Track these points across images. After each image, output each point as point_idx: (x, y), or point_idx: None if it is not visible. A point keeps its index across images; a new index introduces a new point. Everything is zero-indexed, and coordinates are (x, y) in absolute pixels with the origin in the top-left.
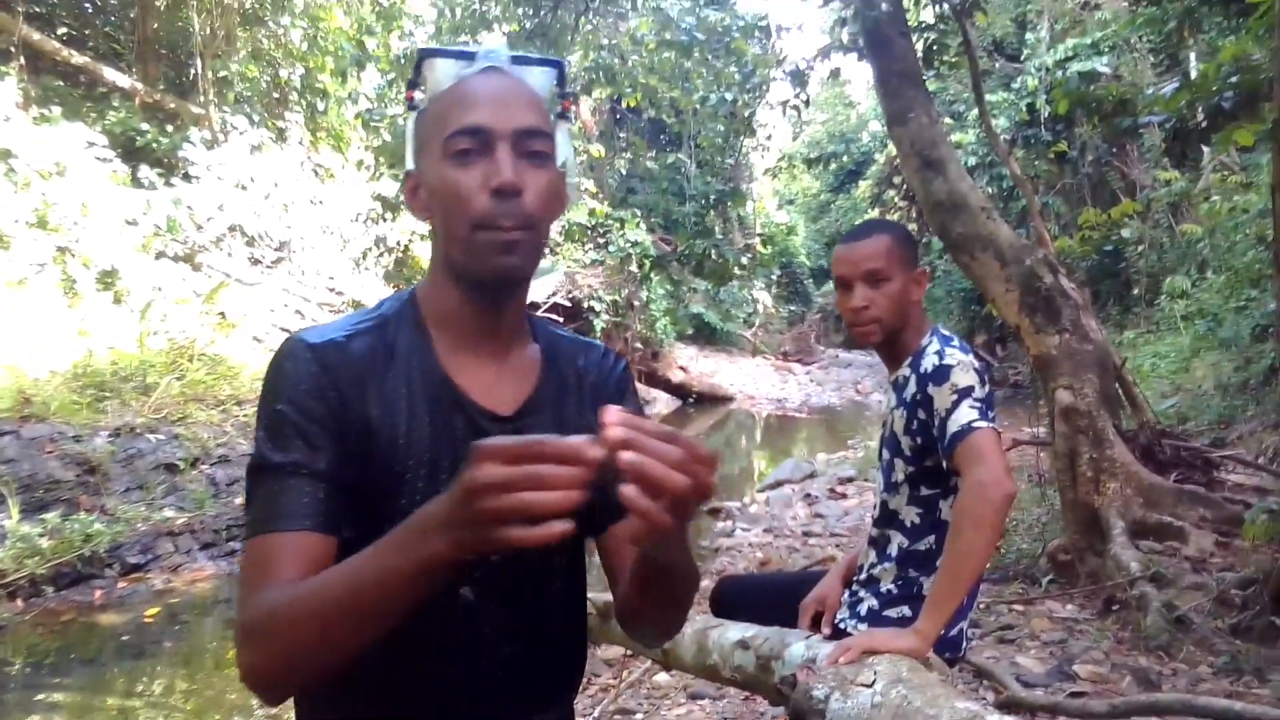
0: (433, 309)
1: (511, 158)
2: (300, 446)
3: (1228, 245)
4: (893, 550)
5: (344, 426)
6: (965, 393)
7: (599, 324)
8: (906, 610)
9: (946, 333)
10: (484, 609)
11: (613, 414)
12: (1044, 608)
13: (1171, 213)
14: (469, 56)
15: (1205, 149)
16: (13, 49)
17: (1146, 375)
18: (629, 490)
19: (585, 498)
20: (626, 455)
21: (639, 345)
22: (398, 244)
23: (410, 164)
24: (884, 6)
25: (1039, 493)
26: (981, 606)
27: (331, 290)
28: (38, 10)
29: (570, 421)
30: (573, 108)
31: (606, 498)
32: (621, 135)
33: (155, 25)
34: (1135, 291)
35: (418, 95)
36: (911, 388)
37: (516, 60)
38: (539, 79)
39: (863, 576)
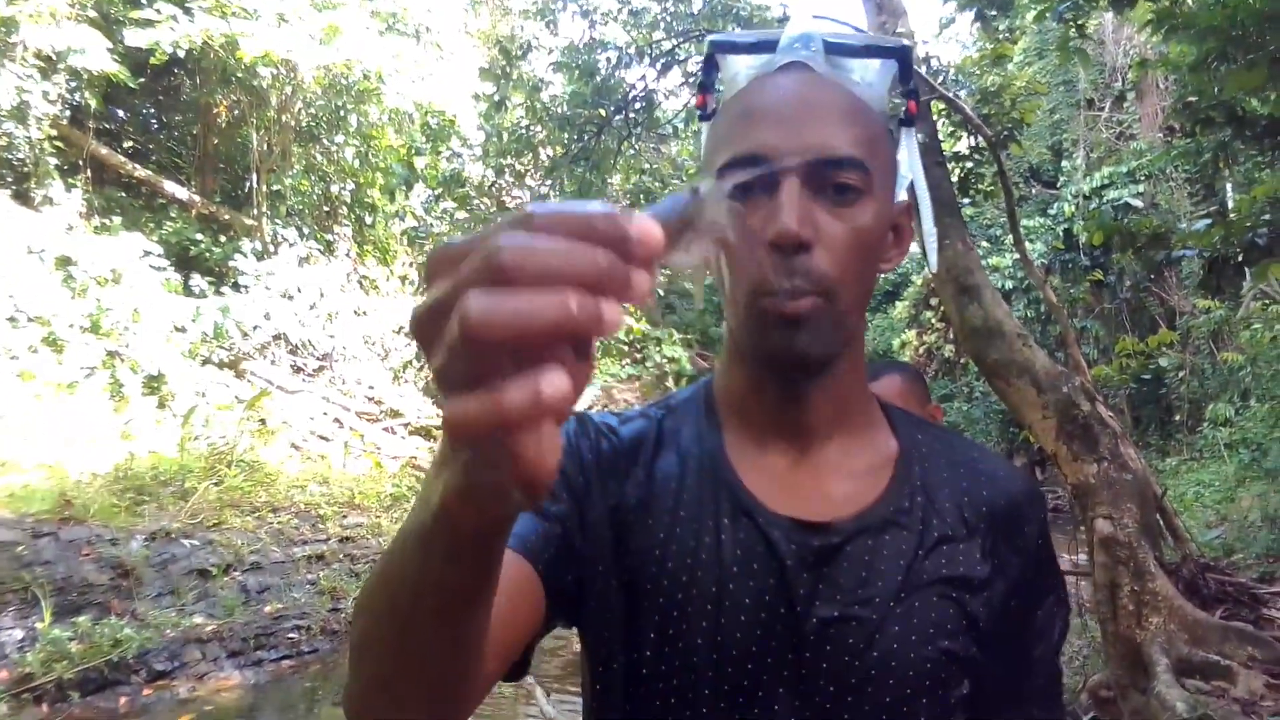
0: (723, 393)
1: (800, 197)
2: None
3: (1270, 374)
4: None
5: (586, 499)
6: None
7: None
8: None
9: None
10: None
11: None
12: None
13: (1212, 339)
14: (768, 47)
15: (1245, 279)
16: (81, 163)
17: (1190, 504)
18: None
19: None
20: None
21: None
22: None
23: None
24: (919, 137)
25: (1080, 623)
26: None
27: (370, 400)
28: (107, 127)
29: (963, 562)
30: (919, 111)
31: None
32: None
33: (215, 141)
34: (1177, 418)
35: (711, 99)
36: None
37: (834, 49)
38: (869, 74)
39: None
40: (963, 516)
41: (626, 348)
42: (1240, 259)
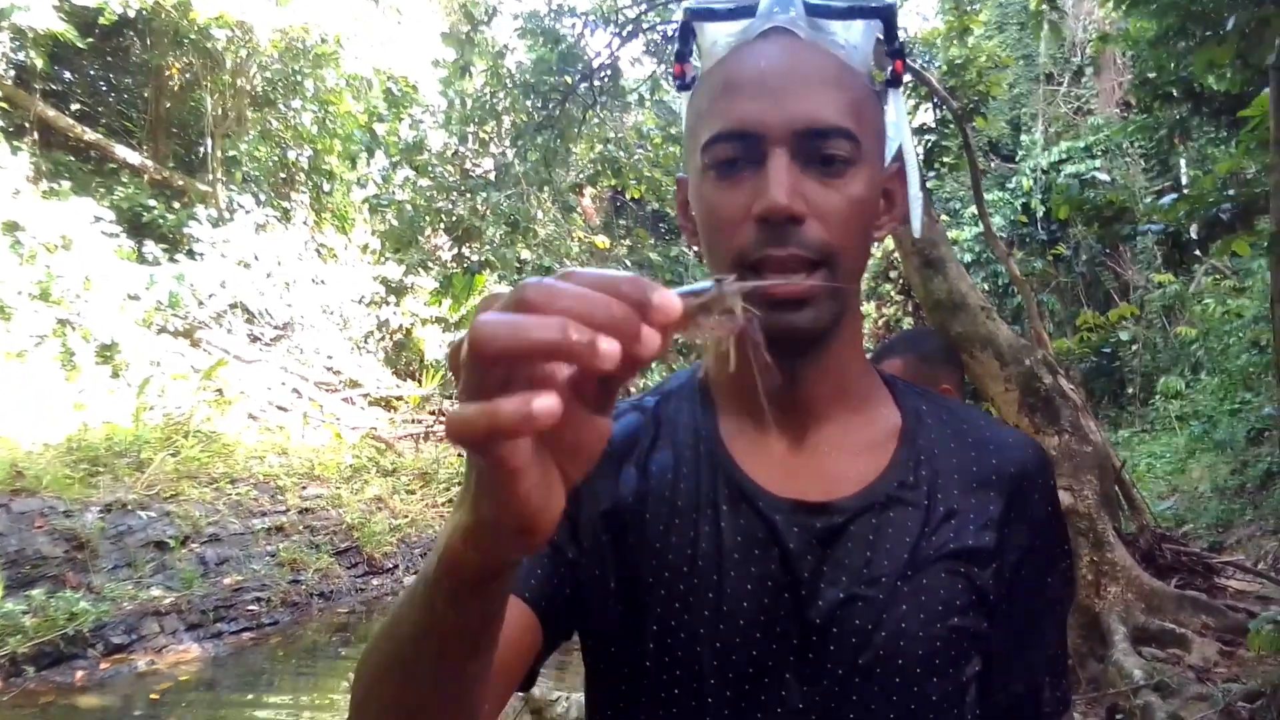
0: (716, 376)
1: (789, 169)
2: None
3: (1221, 348)
4: None
5: (575, 507)
6: None
7: None
8: None
9: None
10: None
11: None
12: None
13: (1165, 314)
14: (747, 12)
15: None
16: (27, 125)
17: (1143, 475)
18: None
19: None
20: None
21: None
22: (400, 328)
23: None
24: None
25: None
26: None
27: (329, 370)
28: (54, 88)
29: (972, 534)
30: (905, 72)
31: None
32: (622, 224)
33: (168, 105)
34: (1129, 390)
35: (689, 68)
36: None
37: (815, 11)
38: (853, 35)
39: None
40: (970, 487)
41: None
42: (1202, 235)
